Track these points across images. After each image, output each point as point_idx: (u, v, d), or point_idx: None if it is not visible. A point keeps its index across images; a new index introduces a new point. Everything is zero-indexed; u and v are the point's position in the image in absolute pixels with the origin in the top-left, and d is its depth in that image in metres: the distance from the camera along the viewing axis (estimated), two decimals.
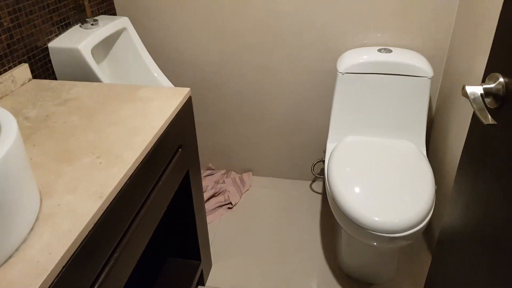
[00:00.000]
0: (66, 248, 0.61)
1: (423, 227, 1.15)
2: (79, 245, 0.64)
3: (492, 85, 0.69)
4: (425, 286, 0.99)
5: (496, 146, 0.67)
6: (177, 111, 1.00)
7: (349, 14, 1.56)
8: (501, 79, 0.67)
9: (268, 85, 1.78)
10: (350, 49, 1.62)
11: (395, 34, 1.58)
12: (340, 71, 1.52)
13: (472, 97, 0.68)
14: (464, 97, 0.84)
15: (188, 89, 1.08)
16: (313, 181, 2.01)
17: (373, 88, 1.51)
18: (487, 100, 0.69)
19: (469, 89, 0.68)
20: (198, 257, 1.31)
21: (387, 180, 1.30)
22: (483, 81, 0.72)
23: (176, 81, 1.83)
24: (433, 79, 1.59)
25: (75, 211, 0.67)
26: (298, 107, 1.82)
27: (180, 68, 1.80)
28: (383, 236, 1.13)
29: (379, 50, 1.54)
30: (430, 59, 1.58)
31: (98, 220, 0.68)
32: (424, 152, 1.50)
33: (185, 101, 1.06)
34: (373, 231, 1.14)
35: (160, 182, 0.91)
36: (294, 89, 1.77)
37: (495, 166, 0.67)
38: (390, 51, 1.53)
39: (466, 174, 0.78)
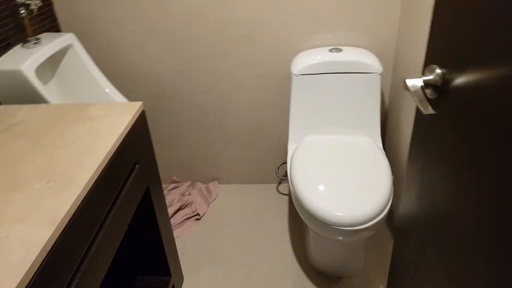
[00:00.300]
0: (18, 281, 0.57)
1: (383, 217, 1.18)
2: (33, 276, 0.61)
3: (431, 77, 0.72)
4: (389, 273, 1.02)
5: (438, 135, 0.70)
6: (130, 127, 0.97)
7: (299, 17, 1.59)
8: (438, 70, 0.71)
9: (226, 93, 1.78)
10: (303, 51, 1.65)
11: (345, 34, 1.63)
12: (294, 73, 1.55)
13: (413, 89, 0.71)
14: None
15: (140, 103, 1.06)
16: (279, 183, 2.02)
17: (328, 87, 1.55)
18: (428, 91, 0.73)
19: (410, 82, 0.71)
20: (168, 272, 1.29)
21: (346, 175, 1.33)
22: (423, 73, 0.76)
23: (131, 95, 1.79)
24: (383, 75, 1.65)
25: (26, 241, 0.64)
26: (258, 112, 1.83)
27: (134, 82, 1.77)
28: (347, 230, 1.15)
29: (330, 50, 1.58)
30: (380, 56, 1.64)
31: (51, 248, 0.65)
32: (380, 145, 1.55)
33: (138, 115, 1.04)
34: (337, 226, 1.16)
35: (118, 202, 0.88)
36: (252, 95, 1.78)
37: (438, 154, 0.70)
38: (341, 50, 1.57)
39: (415, 164, 0.81)
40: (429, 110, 0.68)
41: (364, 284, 1.46)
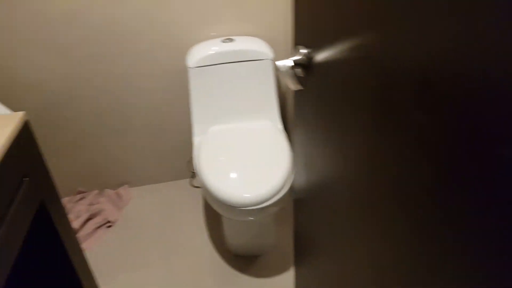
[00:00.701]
0: None
1: (286, 192, 1.27)
2: None
3: (298, 57, 0.79)
4: (294, 243, 1.10)
5: (310, 109, 0.77)
6: (11, 140, 0.91)
7: (190, 10, 1.60)
8: (304, 50, 0.78)
9: (125, 94, 1.73)
10: (197, 43, 1.67)
11: (238, 24, 1.67)
12: (189, 66, 1.56)
13: (283, 69, 0.77)
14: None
15: (21, 113, 0.99)
16: (192, 177, 2.03)
17: (224, 77, 1.59)
18: (297, 70, 0.80)
19: (279, 63, 0.77)
20: (80, 286, 1.23)
21: (250, 159, 1.39)
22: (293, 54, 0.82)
23: (20, 107, 1.64)
24: (277, 60, 1.73)
25: None
26: (161, 109, 1.81)
27: (21, 92, 1.63)
28: (255, 209, 1.22)
29: (223, 41, 1.62)
30: (272, 42, 1.71)
31: None
32: (280, 127, 1.64)
33: (20, 126, 0.97)
34: (247, 207, 1.22)
35: (5, 222, 0.82)
36: (152, 92, 1.76)
37: (312, 126, 0.78)
38: (233, 40, 1.62)
39: (298, 138, 0.89)
40: (295, 86, 0.75)
41: (279, 258, 1.55)
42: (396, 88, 0.46)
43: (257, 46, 1.60)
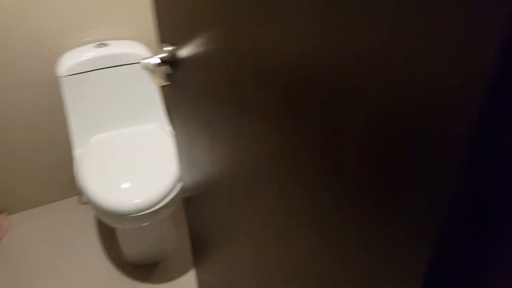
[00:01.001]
0: None
1: (177, 193, 1.27)
2: None
3: (164, 54, 0.79)
4: (190, 242, 1.10)
5: (180, 105, 0.78)
6: None
7: (57, 16, 1.48)
8: (169, 48, 0.79)
9: None
10: (69, 50, 1.55)
11: (113, 28, 1.60)
12: (61, 75, 1.45)
13: (150, 67, 0.77)
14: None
15: None
16: (80, 194, 1.89)
17: (102, 83, 1.51)
18: (165, 67, 0.80)
19: (147, 61, 0.76)
20: None
21: (137, 165, 1.35)
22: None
23: None
24: None
25: None
26: (35, 125, 1.65)
27: None
28: (148, 213, 1.19)
29: (97, 46, 1.54)
30: (151, 44, 1.67)
31: None
32: (168, 128, 1.62)
33: None
34: (138, 213, 1.18)
35: None
36: (22, 107, 1.59)
37: (184, 122, 0.79)
38: (107, 44, 1.55)
39: (178, 135, 0.89)
40: (160, 83, 0.75)
41: (180, 261, 1.53)
42: (242, 75, 0.49)
43: (134, 49, 1.56)
